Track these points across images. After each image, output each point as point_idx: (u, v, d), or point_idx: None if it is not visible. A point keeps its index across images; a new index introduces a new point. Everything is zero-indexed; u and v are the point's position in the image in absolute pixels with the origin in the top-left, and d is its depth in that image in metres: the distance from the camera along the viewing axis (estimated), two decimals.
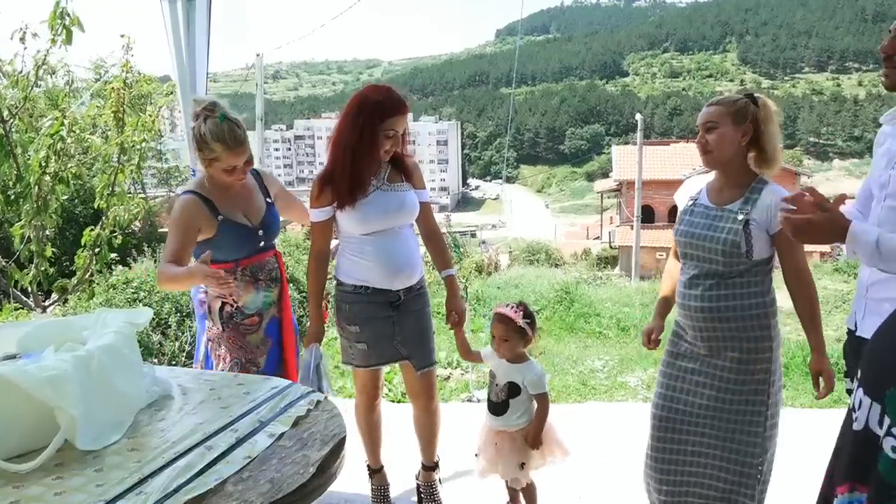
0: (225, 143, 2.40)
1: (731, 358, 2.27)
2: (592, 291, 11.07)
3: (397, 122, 2.48)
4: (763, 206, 2.19)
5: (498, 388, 2.56)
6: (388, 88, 2.54)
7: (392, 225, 2.59)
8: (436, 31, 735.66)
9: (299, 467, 1.40)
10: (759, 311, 2.25)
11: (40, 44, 4.18)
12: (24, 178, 4.21)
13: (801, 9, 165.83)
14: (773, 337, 2.28)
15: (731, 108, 2.23)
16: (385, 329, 2.63)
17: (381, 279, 2.59)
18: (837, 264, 14.74)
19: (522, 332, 2.50)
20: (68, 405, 1.38)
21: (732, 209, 2.24)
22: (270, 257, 2.68)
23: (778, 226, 2.14)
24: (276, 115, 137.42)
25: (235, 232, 2.53)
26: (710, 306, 2.25)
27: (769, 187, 2.22)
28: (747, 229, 2.19)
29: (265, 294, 2.63)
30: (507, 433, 2.56)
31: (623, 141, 75.30)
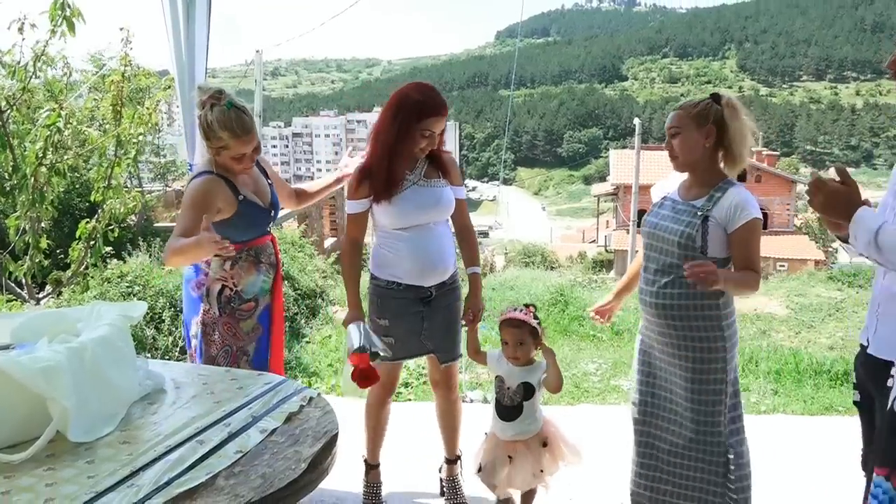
0: (232, 130, 2.37)
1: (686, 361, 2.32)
2: (587, 294, 11.07)
3: (435, 122, 2.50)
4: (724, 205, 2.24)
5: (511, 391, 2.51)
6: (430, 88, 2.55)
7: (427, 220, 2.61)
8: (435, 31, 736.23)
9: (291, 463, 1.40)
10: (711, 311, 2.28)
11: (39, 34, 4.17)
12: (21, 169, 4.20)
13: (800, 17, 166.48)
14: (727, 338, 2.31)
15: (693, 112, 2.28)
16: (414, 325, 2.66)
17: (413, 275, 2.61)
18: (832, 272, 14.78)
19: (536, 333, 2.48)
20: (61, 396, 1.38)
21: (696, 204, 2.29)
22: (269, 241, 2.69)
23: (735, 224, 2.21)
24: (274, 112, 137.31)
25: (253, 212, 2.55)
26: (664, 303, 2.31)
27: (734, 188, 2.27)
28: (705, 225, 2.24)
29: (264, 278, 2.63)
30: (521, 442, 2.51)
31: (621, 145, 75.41)
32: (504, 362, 2.55)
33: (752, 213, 2.22)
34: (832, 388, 5.78)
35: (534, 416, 2.53)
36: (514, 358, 2.50)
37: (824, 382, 5.98)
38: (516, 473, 2.52)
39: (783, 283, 14.41)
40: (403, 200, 2.56)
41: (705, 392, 2.31)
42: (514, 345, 2.48)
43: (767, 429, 4.25)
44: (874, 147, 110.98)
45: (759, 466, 3.46)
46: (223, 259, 2.53)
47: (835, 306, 11.61)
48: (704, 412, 2.32)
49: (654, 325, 2.39)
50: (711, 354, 2.30)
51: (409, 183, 2.58)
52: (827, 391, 5.70)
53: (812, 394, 5.59)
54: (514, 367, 2.52)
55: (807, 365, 6.41)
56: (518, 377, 2.51)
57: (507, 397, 2.52)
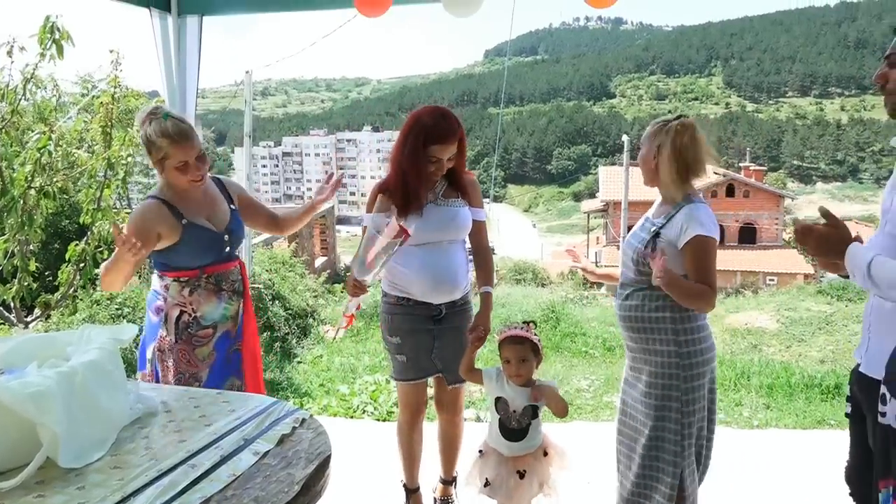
0: (169, 137, 2.37)
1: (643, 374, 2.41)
2: (578, 311, 11.09)
3: (440, 150, 2.51)
4: (675, 222, 2.31)
5: (517, 414, 2.46)
6: (443, 114, 2.57)
7: (441, 238, 2.63)
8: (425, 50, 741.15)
9: (284, 486, 1.39)
10: (664, 325, 2.32)
11: (28, 57, 4.18)
12: (9, 192, 4.18)
13: (784, 34, 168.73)
14: (683, 355, 2.32)
15: (651, 131, 2.41)
16: (424, 342, 2.69)
17: (423, 292, 2.64)
18: (821, 286, 14.86)
19: (537, 350, 2.46)
20: (51, 422, 1.37)
21: (656, 222, 2.39)
22: (234, 267, 2.65)
23: (682, 240, 2.27)
24: (264, 132, 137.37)
25: (200, 236, 2.50)
26: (625, 315, 2.43)
27: (690, 205, 2.32)
28: (654, 241, 2.33)
29: (225, 306, 2.59)
30: (529, 456, 2.50)
31: (610, 162, 75.82)
32: (506, 384, 2.48)
33: (694, 231, 2.25)
34: (824, 402, 5.80)
35: (537, 433, 2.52)
36: (517, 376, 2.44)
37: (816, 396, 6.00)
38: (527, 487, 2.49)
39: (773, 298, 14.48)
40: (423, 217, 2.58)
41: (658, 408, 2.35)
42: (516, 362, 2.43)
43: (760, 443, 4.26)
44: (860, 161, 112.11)
45: (753, 481, 3.46)
46: (181, 285, 2.52)
47: (825, 320, 11.68)
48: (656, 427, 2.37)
49: (624, 338, 2.51)
50: (666, 370, 2.33)
51: (426, 201, 2.61)
52: (819, 405, 5.71)
53: (804, 407, 5.60)
54: (518, 388, 2.46)
55: (798, 379, 6.43)
56: (523, 399, 2.45)
57: (514, 420, 2.47)
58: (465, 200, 2.69)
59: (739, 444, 4.07)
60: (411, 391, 2.80)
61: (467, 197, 2.70)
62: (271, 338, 7.36)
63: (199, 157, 2.45)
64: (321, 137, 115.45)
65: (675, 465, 2.35)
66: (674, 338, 2.32)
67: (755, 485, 3.43)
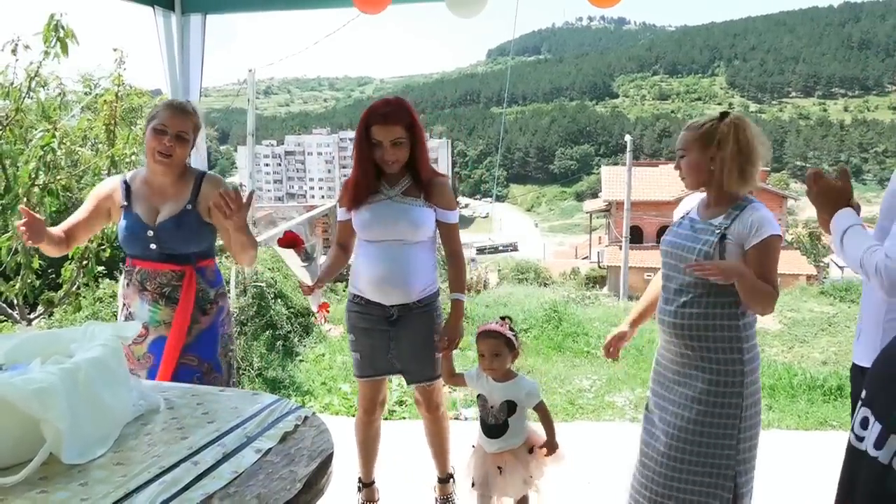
0: (168, 102, 2.54)
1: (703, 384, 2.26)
2: (581, 311, 11.08)
3: (382, 130, 2.48)
4: (741, 222, 2.21)
5: (494, 409, 2.51)
6: (390, 100, 2.56)
7: (392, 237, 2.58)
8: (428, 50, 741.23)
9: (286, 483, 1.39)
10: (731, 332, 2.24)
11: (32, 55, 4.19)
12: (13, 190, 4.19)
13: (788, 35, 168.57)
14: (745, 361, 2.26)
15: (698, 133, 2.28)
16: (380, 342, 2.66)
17: (371, 290, 2.62)
18: (824, 287, 14.84)
19: (511, 345, 2.50)
20: (55, 418, 1.37)
21: (714, 223, 2.27)
22: (169, 271, 2.53)
23: (753, 241, 2.19)
24: (267, 131, 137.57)
25: (129, 224, 2.53)
26: (682, 322, 2.27)
27: (752, 205, 2.25)
28: (722, 243, 2.22)
29: (150, 309, 2.55)
30: (508, 452, 2.53)
31: (612, 161, 75.88)
32: (484, 379, 2.55)
33: (769, 231, 2.18)
34: (826, 403, 5.79)
35: (518, 430, 2.54)
36: (491, 370, 2.51)
37: (818, 397, 5.99)
38: (508, 483, 2.54)
39: None
40: (371, 212, 2.58)
41: (718, 416, 2.26)
42: (489, 356, 2.49)
43: (762, 444, 4.24)
44: (863, 162, 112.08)
45: (755, 481, 3.46)
46: (124, 276, 2.62)
47: (827, 321, 11.66)
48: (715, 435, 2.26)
49: (672, 345, 2.34)
50: (728, 378, 2.24)
51: (383, 196, 2.60)
52: (821, 406, 5.71)
53: (806, 409, 5.59)
54: (494, 383, 2.53)
55: (800, 380, 6.42)
56: (500, 394, 2.51)
57: (491, 416, 2.53)
58: (427, 201, 2.61)
59: None
60: (366, 388, 2.80)
61: (432, 198, 2.61)
62: (273, 336, 7.36)
63: (178, 136, 2.47)
64: (324, 136, 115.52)
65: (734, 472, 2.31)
66: (737, 345, 2.24)
67: (756, 486, 3.43)
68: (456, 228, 2.76)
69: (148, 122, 2.52)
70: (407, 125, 2.50)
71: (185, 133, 2.48)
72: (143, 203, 2.54)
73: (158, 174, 2.54)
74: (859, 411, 1.38)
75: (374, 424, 2.88)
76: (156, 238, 2.51)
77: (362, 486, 2.95)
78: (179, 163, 2.53)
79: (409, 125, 2.51)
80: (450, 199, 2.68)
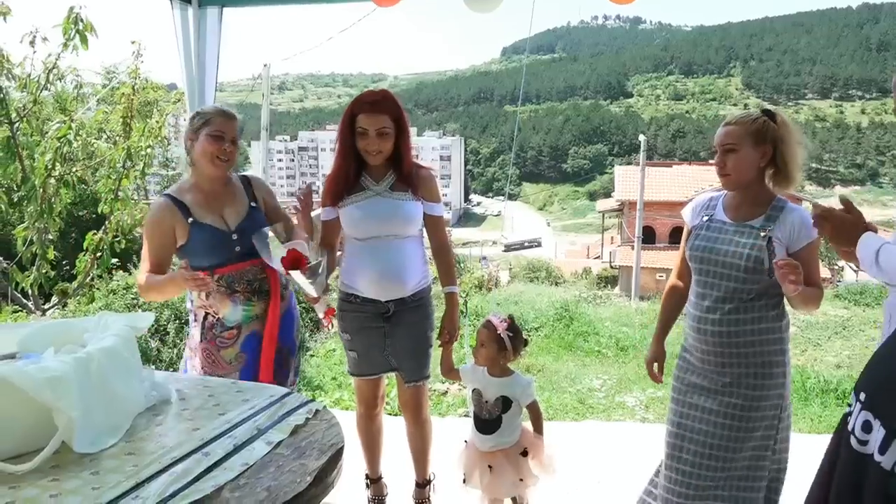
0: (221, 111, 2.51)
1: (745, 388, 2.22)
2: (592, 310, 11.05)
3: (368, 119, 2.45)
4: (786, 224, 2.16)
5: (489, 404, 2.52)
6: (374, 92, 2.55)
7: (385, 233, 2.55)
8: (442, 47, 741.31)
9: (296, 476, 1.39)
10: (776, 335, 2.22)
11: (50, 48, 4.21)
12: (30, 181, 4.22)
13: (805, 36, 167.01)
14: (787, 363, 2.26)
15: (751, 129, 2.18)
16: (375, 339, 2.63)
17: (368, 287, 2.58)
18: (838, 290, 14.72)
19: (502, 344, 2.48)
20: (67, 407, 1.37)
21: (754, 225, 2.20)
22: (251, 267, 2.57)
23: (801, 242, 2.15)
24: (280, 126, 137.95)
25: (206, 235, 2.49)
26: (729, 330, 2.20)
27: (790, 206, 2.20)
28: (770, 245, 2.14)
29: (244, 308, 2.55)
30: (500, 452, 2.52)
31: (626, 161, 75.45)
32: (480, 374, 2.56)
33: (813, 233, 2.14)
34: (839, 407, 5.74)
35: (512, 429, 2.53)
36: (486, 359, 2.51)
37: (832, 401, 5.94)
38: (497, 482, 2.53)
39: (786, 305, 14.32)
40: (360, 209, 2.54)
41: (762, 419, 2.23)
42: (478, 344, 2.52)
43: None
44: (880, 165, 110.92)
45: None
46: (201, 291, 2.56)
47: (841, 324, 11.56)
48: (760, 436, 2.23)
49: (712, 353, 2.25)
50: (772, 381, 2.22)
51: (371, 193, 2.56)
52: (834, 409, 5.66)
53: (819, 412, 5.55)
54: (490, 378, 2.53)
55: (814, 383, 6.38)
56: (495, 390, 2.52)
57: (485, 411, 2.53)
58: (415, 195, 2.59)
59: None
60: (364, 386, 2.77)
61: (419, 191, 2.59)
62: None
63: (233, 140, 2.50)
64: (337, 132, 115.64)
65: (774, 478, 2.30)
66: (781, 346, 2.23)
67: None
68: (443, 221, 2.75)
69: (197, 128, 2.48)
70: (394, 116, 2.48)
71: (236, 138, 2.53)
72: (207, 212, 2.51)
73: (212, 180, 2.53)
74: (859, 415, 1.36)
75: (376, 420, 2.86)
76: (239, 240, 2.54)
77: (370, 482, 2.93)
78: (233, 166, 2.58)
79: (396, 117, 2.49)
80: (436, 192, 2.68)
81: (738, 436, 2.24)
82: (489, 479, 2.54)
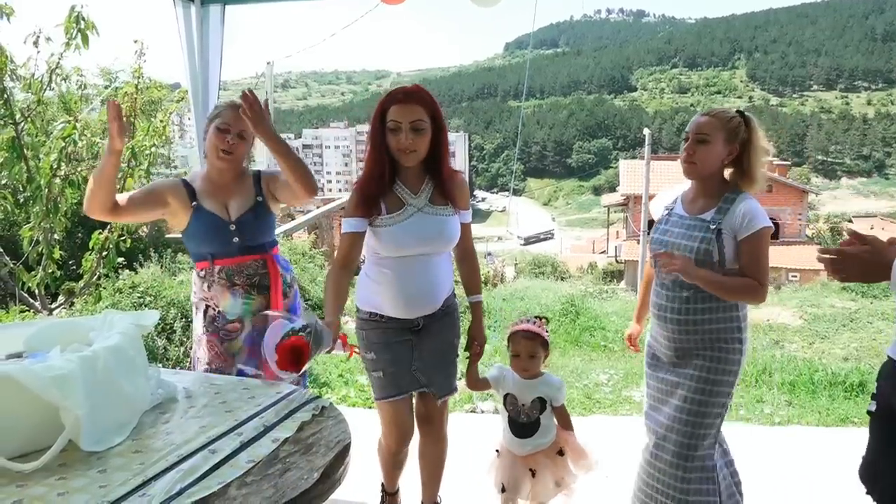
0: (233, 105, 2.51)
1: (698, 366, 2.32)
2: (598, 305, 11.04)
3: (397, 111, 2.23)
4: (734, 215, 2.24)
5: (526, 407, 2.47)
6: (411, 85, 2.33)
7: (425, 251, 2.37)
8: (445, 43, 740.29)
9: (303, 473, 1.39)
10: (732, 323, 2.30)
11: (53, 48, 4.21)
12: (35, 181, 4.23)
13: (810, 27, 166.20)
14: (743, 351, 2.34)
15: (727, 125, 2.28)
16: (403, 354, 2.44)
17: (395, 309, 2.40)
18: None
19: (547, 345, 2.48)
20: (73, 405, 1.38)
21: (705, 218, 2.30)
22: (252, 262, 2.57)
23: (744, 232, 2.22)
24: (284, 124, 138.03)
25: (206, 221, 2.53)
26: (686, 318, 2.31)
27: (741, 196, 2.28)
28: (720, 238, 2.24)
29: (244, 301, 2.56)
30: (540, 454, 2.49)
31: (630, 155, 75.25)
32: (512, 379, 2.51)
33: (760, 223, 2.22)
34: (847, 400, 5.73)
35: (549, 429, 2.51)
36: (524, 370, 2.47)
37: (839, 394, 5.92)
38: (540, 486, 2.50)
39: (796, 294, 14.29)
40: (402, 228, 2.31)
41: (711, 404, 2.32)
42: (525, 357, 2.46)
43: (782, 440, 4.21)
44: (886, 157, 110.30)
45: (774, 478, 3.42)
46: (201, 280, 2.59)
47: (849, 317, 11.52)
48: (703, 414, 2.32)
49: (673, 338, 2.37)
50: (728, 366, 2.31)
51: (413, 209, 2.34)
52: (842, 402, 5.64)
53: (827, 405, 5.53)
54: (524, 381, 2.49)
55: (821, 376, 6.35)
56: (532, 392, 2.48)
57: (523, 414, 2.48)
58: (454, 207, 2.40)
59: (760, 442, 4.02)
60: (396, 409, 2.48)
61: (456, 200, 2.40)
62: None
63: (240, 134, 2.51)
64: (341, 130, 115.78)
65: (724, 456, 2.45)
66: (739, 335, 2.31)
67: (776, 482, 3.39)
68: (470, 227, 2.58)
69: (210, 121, 2.55)
70: (430, 110, 2.27)
71: (245, 132, 2.53)
72: (212, 200, 2.55)
73: (220, 171, 2.57)
74: None
75: (404, 451, 2.60)
76: (238, 231, 2.55)
77: (386, 495, 2.78)
78: (239, 159, 2.58)
79: (433, 112, 2.28)
80: (468, 198, 2.51)
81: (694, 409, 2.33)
82: (531, 484, 2.48)
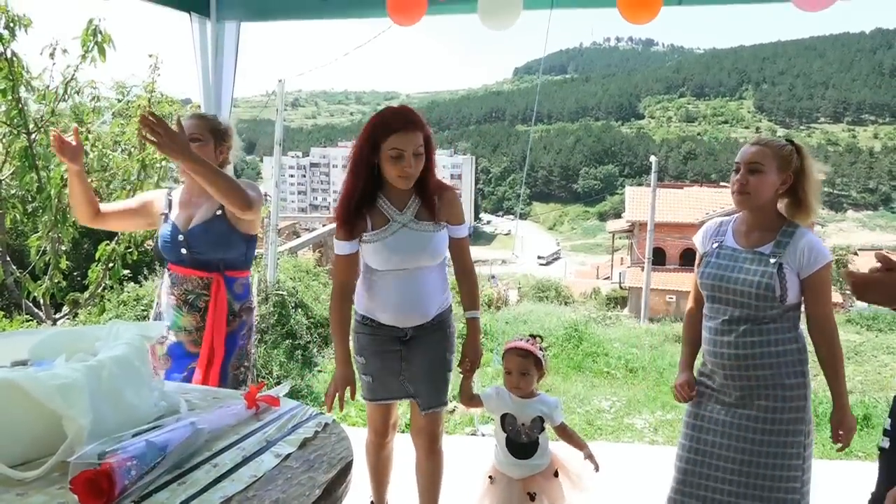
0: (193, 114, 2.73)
1: (762, 407, 2.21)
2: (601, 331, 10.98)
3: (403, 139, 2.25)
4: (796, 250, 2.16)
5: (526, 426, 2.46)
6: (403, 108, 2.38)
7: (410, 266, 2.42)
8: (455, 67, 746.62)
9: (305, 489, 1.38)
10: (793, 357, 2.21)
11: (69, 60, 4.27)
12: (46, 191, 4.26)
13: (818, 60, 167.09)
14: (807, 384, 2.24)
15: (780, 154, 2.19)
16: (391, 364, 2.51)
17: (387, 316, 2.48)
18: (850, 315, 14.57)
19: (540, 364, 2.47)
20: (77, 414, 1.37)
21: (764, 252, 2.20)
22: (196, 278, 2.55)
23: (809, 269, 2.14)
24: (293, 142, 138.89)
25: (165, 230, 2.61)
26: (745, 353, 2.20)
27: (800, 231, 2.20)
28: (781, 273, 2.15)
29: (175, 313, 2.56)
30: (538, 476, 2.46)
31: (637, 182, 75.45)
32: (507, 398, 2.50)
33: (826, 257, 2.16)
34: (861, 435, 5.67)
35: (547, 449, 2.49)
36: (517, 388, 2.47)
37: None
38: None
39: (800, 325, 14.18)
40: (387, 245, 2.37)
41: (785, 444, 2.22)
42: (517, 374, 2.46)
43: None
44: (892, 190, 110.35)
45: None
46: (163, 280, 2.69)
47: (854, 350, 11.44)
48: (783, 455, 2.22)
49: (730, 376, 2.25)
50: (793, 403, 2.21)
51: (397, 224, 2.38)
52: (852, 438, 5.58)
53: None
54: (522, 400, 2.48)
55: (826, 408, 6.27)
56: (530, 411, 2.47)
57: (523, 434, 2.46)
58: (442, 222, 2.44)
59: None
60: (377, 412, 2.64)
61: (443, 214, 2.43)
62: (293, 346, 7.39)
63: (191, 138, 2.50)
64: (349, 149, 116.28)
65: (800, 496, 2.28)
66: (801, 368, 2.22)
67: None
68: (467, 243, 2.60)
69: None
70: (425, 134, 2.32)
71: (196, 134, 2.56)
72: (181, 212, 2.62)
73: (188, 184, 2.65)
74: None
75: (386, 447, 2.74)
76: (186, 243, 2.54)
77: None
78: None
79: (427, 134, 2.33)
80: (460, 213, 2.52)
81: (755, 449, 2.21)
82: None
